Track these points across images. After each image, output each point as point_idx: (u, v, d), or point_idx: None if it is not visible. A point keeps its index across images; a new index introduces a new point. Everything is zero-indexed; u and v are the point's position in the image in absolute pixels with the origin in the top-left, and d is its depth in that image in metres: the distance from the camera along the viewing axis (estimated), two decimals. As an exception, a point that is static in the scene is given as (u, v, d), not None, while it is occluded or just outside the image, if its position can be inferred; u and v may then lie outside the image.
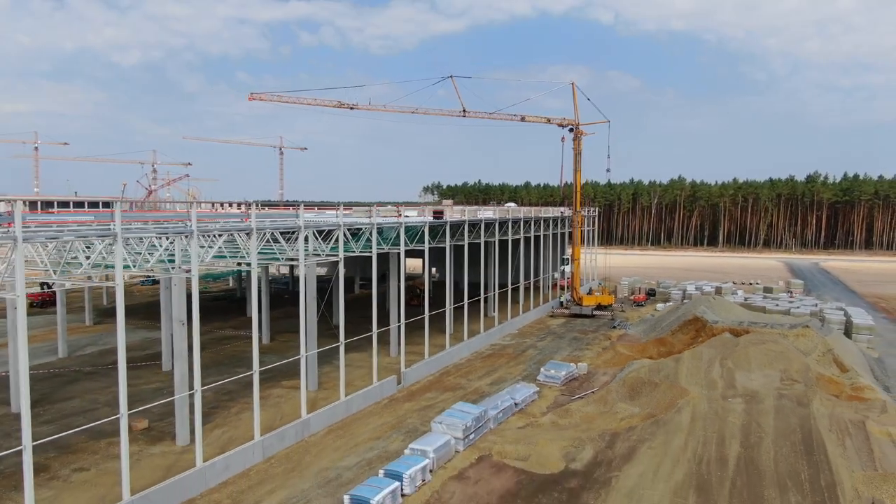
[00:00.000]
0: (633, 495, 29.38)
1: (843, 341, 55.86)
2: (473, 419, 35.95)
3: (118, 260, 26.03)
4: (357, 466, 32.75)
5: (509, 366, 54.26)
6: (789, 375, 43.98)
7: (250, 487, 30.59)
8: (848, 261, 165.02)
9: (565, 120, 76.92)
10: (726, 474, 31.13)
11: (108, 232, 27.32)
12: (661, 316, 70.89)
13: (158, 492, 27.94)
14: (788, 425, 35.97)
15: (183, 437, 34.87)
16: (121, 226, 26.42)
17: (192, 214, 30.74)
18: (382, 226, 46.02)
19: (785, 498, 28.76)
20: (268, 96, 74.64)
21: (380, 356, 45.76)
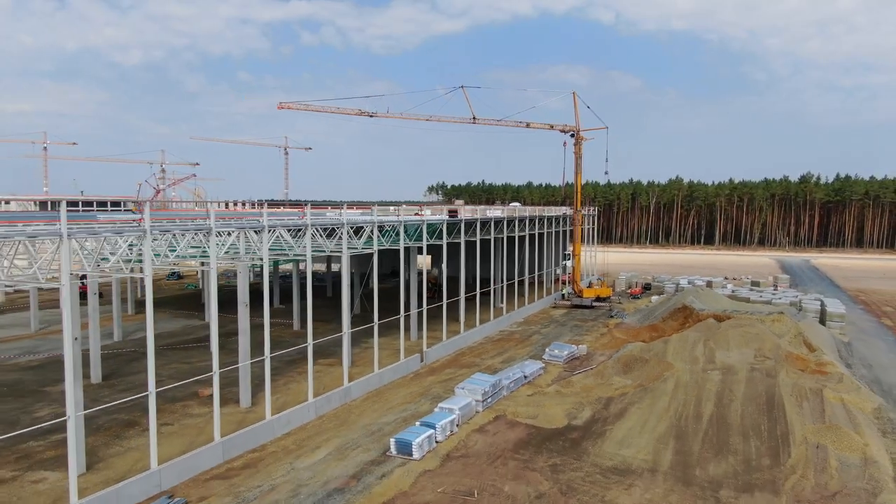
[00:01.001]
0: (623, 442, 36.01)
1: (814, 326, 62.49)
2: (490, 385, 42.60)
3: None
4: (394, 422, 39.36)
5: (517, 347, 60.90)
6: (762, 353, 50.58)
7: (309, 437, 37.25)
8: (837, 258, 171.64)
9: (567, 126, 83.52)
10: (700, 426, 37.78)
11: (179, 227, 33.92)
12: (655, 306, 77.50)
13: (239, 436, 34.64)
14: (756, 391, 42.57)
15: (246, 400, 41.42)
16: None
17: (263, 213, 37.32)
18: (408, 223, 52.61)
19: (747, 443, 35.40)
20: (296, 105, 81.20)
21: (391, 337, 52.39)
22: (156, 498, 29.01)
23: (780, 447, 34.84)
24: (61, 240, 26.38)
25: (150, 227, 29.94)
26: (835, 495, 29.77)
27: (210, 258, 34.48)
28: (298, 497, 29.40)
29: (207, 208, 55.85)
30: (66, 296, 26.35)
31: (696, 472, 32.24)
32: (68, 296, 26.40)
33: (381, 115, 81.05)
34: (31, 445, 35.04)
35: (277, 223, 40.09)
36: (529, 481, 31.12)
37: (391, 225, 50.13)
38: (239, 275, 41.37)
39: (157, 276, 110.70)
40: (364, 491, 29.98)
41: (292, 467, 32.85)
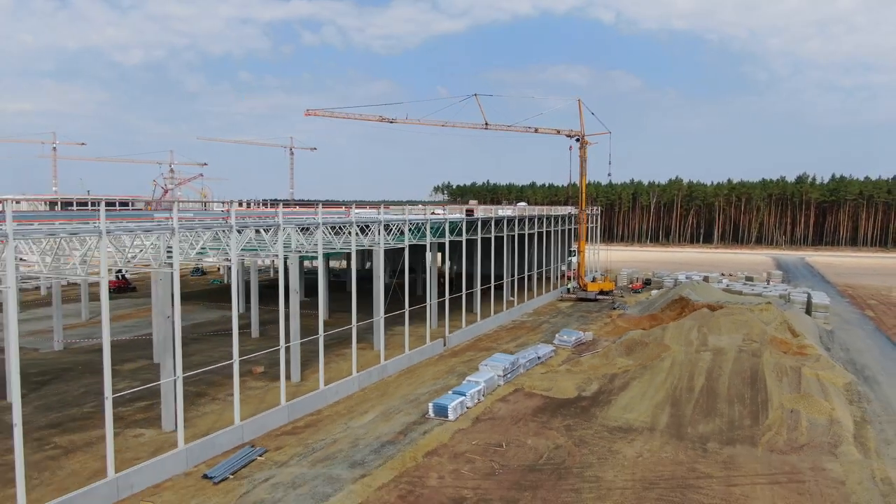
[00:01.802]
0: (626, 408, 42.08)
1: (799, 315, 68.50)
2: (510, 363, 48.69)
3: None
4: (428, 393, 45.42)
5: (529, 334, 66.96)
6: (750, 337, 56.59)
7: (356, 404, 43.35)
8: (832, 256, 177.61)
9: (573, 131, 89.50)
10: (692, 396, 43.83)
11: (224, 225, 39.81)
12: (654, 298, 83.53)
13: (300, 402, 40.79)
14: (742, 368, 48.61)
15: (296, 375, 47.43)
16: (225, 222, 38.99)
17: (318, 212, 43.38)
18: (433, 221, 58.65)
19: (731, 408, 41.46)
20: (322, 112, 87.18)
21: (420, 327, 58.41)
22: (241, 447, 35.09)
23: (759, 411, 40.89)
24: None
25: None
26: (803, 447, 35.81)
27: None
28: (357, 447, 35.50)
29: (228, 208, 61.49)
30: (105, 286, 29.39)
31: (688, 430, 38.30)
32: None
33: (400, 121, 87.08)
34: (120, 411, 40.97)
35: (327, 221, 46.09)
36: (548, 437, 37.19)
37: (418, 222, 56.15)
38: (290, 267, 47.37)
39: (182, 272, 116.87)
40: (411, 443, 36.06)
41: (347, 426, 38.96)
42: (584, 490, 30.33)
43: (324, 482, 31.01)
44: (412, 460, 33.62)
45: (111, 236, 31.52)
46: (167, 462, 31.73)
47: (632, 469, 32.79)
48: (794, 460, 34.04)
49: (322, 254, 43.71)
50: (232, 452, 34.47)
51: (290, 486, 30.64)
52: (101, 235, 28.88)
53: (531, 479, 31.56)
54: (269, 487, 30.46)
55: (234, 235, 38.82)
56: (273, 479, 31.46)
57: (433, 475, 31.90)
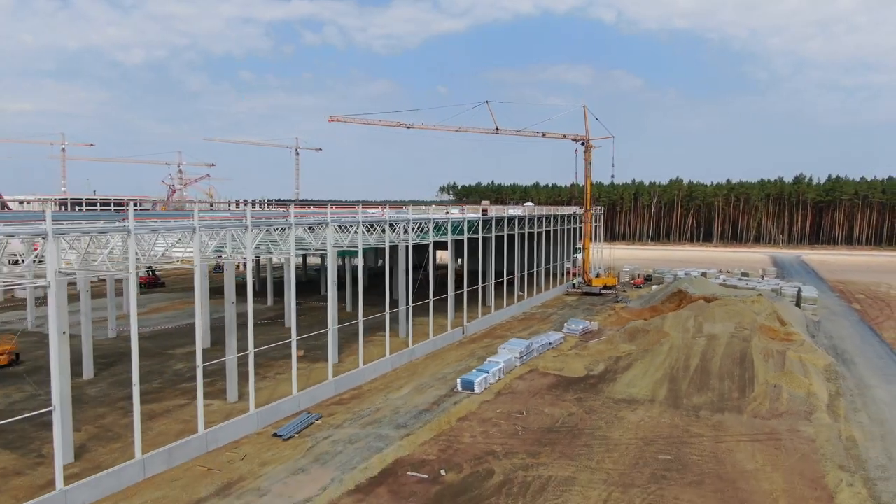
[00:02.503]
0: (630, 384, 47.81)
1: (788, 307, 74.19)
2: (525, 347, 54.46)
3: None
4: (453, 372, 51.16)
5: (539, 324, 72.70)
6: (741, 325, 62.30)
7: (391, 381, 49.12)
8: (827, 254, 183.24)
9: (578, 136, 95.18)
10: (688, 374, 49.58)
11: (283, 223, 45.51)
12: (655, 292, 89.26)
13: (344, 378, 46.61)
14: (733, 351, 54.34)
15: (334, 357, 53.05)
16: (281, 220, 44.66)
17: (358, 213, 49.12)
18: (454, 220, 64.40)
19: (722, 384, 47.19)
20: (344, 118, 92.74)
21: (440, 318, 64.10)
22: (298, 414, 40.86)
23: (746, 386, 46.63)
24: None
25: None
26: (782, 414, 41.54)
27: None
28: (399, 414, 41.28)
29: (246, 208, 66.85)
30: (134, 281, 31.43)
31: (684, 401, 44.04)
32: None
33: (418, 127, 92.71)
34: (185, 387, 46.82)
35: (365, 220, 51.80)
36: (562, 406, 42.95)
37: (441, 222, 61.90)
38: (329, 261, 53.06)
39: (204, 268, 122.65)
40: (444, 411, 41.83)
41: (387, 398, 44.74)
42: (595, 445, 36.07)
43: (375, 439, 36.80)
44: (447, 424, 39.40)
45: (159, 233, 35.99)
46: (242, 423, 37.54)
47: (634, 430, 38.54)
48: (774, 424, 39.76)
49: (361, 249, 49.41)
50: (292, 418, 40.24)
51: (347, 441, 36.43)
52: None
53: (549, 437, 37.31)
54: (331, 443, 36.25)
55: (293, 233, 44.63)
56: (332, 437, 37.24)
57: (466, 435, 37.67)
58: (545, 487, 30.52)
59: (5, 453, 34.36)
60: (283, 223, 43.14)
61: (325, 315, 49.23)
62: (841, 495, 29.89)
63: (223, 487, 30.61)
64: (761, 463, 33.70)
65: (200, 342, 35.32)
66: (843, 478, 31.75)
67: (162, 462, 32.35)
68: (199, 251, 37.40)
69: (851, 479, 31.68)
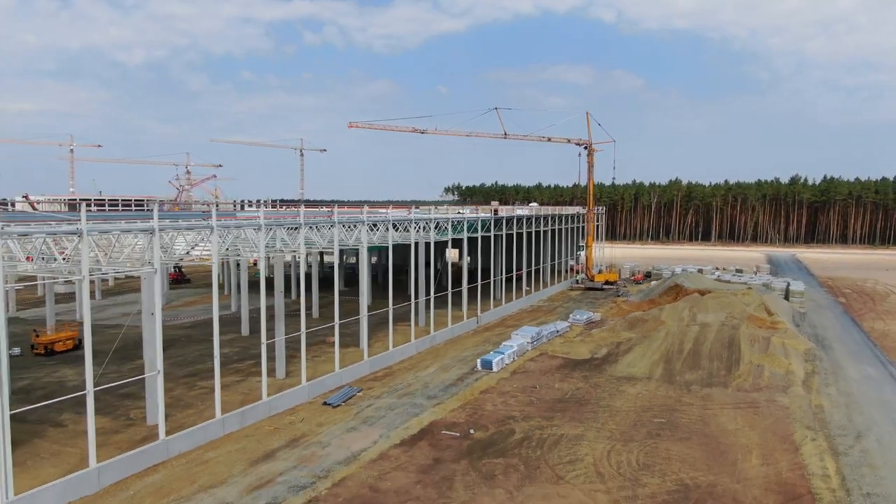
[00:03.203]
0: (630, 364, 53.89)
1: (776, 299, 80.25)
2: (535, 333, 60.56)
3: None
4: (471, 355, 57.21)
5: (546, 315, 78.80)
6: (732, 315, 68.36)
7: (417, 362, 55.21)
8: (821, 253, 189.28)
9: (581, 140, 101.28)
10: (681, 356, 55.66)
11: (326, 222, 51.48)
12: (653, 287, 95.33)
13: (377, 358, 52.75)
14: (722, 336, 60.41)
15: (364, 343, 59.23)
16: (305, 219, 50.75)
17: (388, 213, 55.19)
18: (469, 219, 70.49)
19: (711, 364, 53.27)
20: (363, 124, 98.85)
21: (456, 309, 70.15)
22: (341, 387, 46.96)
23: (732, 366, 52.72)
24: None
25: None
26: (762, 388, 47.60)
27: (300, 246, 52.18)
28: (428, 387, 47.39)
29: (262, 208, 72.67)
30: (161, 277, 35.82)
31: (677, 378, 50.11)
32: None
33: (431, 132, 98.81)
34: (235, 367, 52.86)
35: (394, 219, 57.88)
36: (570, 382, 49.04)
37: (458, 220, 68.02)
38: (361, 256, 59.11)
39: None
40: (467, 385, 47.92)
41: (416, 376, 50.86)
42: (600, 411, 42.17)
43: (411, 406, 42.91)
44: (471, 395, 45.50)
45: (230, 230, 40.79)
46: (296, 393, 43.66)
47: (633, 400, 44.62)
48: (755, 396, 45.85)
49: (391, 245, 55.48)
50: (336, 391, 46.33)
51: (387, 408, 42.55)
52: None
53: (560, 406, 43.41)
54: (374, 409, 42.37)
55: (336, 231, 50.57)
56: (374, 405, 43.36)
57: (488, 404, 43.76)
58: (559, 442, 36.60)
59: (98, 418, 40.37)
60: (325, 222, 49.15)
61: (347, 307, 55.37)
62: (805, 447, 35.96)
63: (290, 441, 36.72)
64: (741, 424, 39.78)
65: (264, 325, 41.36)
66: (808, 434, 37.83)
67: (236, 422, 38.48)
68: (263, 247, 43.78)
69: (815, 435, 37.77)
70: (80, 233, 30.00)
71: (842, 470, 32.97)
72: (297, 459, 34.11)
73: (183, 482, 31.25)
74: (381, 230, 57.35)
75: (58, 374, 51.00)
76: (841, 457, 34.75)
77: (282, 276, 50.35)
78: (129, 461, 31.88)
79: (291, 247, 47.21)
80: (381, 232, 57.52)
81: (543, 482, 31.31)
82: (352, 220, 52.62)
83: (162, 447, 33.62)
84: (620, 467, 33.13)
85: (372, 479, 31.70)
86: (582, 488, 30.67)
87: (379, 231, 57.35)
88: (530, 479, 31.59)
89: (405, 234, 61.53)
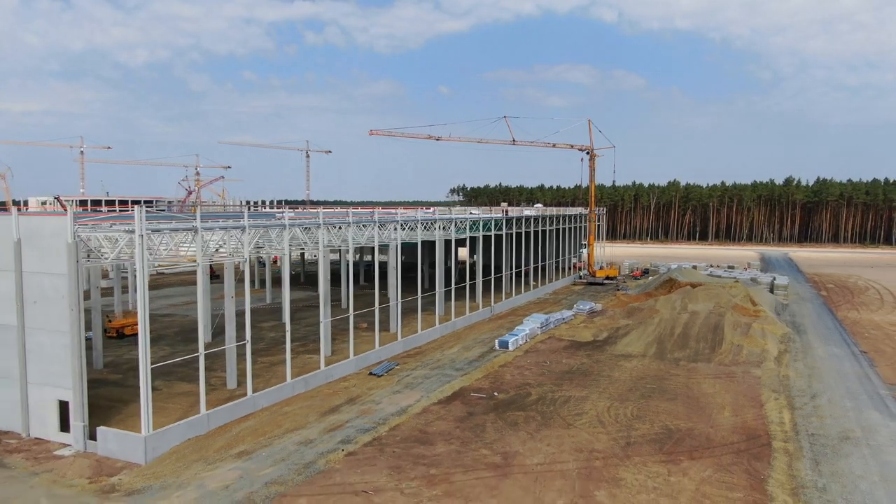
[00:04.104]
0: (627, 345, 62.13)
1: (760, 292, 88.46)
2: (544, 320, 68.82)
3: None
4: (489, 338, 65.42)
5: (552, 306, 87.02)
6: (719, 304, 76.58)
7: (442, 344, 63.44)
8: (812, 252, 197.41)
9: (584, 146, 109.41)
10: (672, 338, 63.89)
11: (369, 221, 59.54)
12: (650, 281, 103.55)
13: (409, 339, 61.02)
14: (709, 322, 68.60)
15: (395, 327, 67.36)
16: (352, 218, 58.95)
17: (417, 214, 63.40)
18: (484, 218, 78.72)
19: (698, 344, 61.50)
20: (383, 132, 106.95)
21: (470, 301, 78.35)
22: (381, 362, 55.17)
23: (716, 346, 60.95)
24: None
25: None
26: (740, 363, 55.78)
27: (349, 243, 60.30)
28: (455, 362, 55.63)
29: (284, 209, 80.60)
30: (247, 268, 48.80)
31: (667, 355, 58.33)
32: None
33: (445, 139, 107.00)
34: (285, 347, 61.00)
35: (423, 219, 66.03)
36: (575, 359, 57.25)
37: (475, 220, 76.28)
38: (392, 251, 67.22)
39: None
40: (488, 360, 56.14)
41: (443, 353, 59.09)
42: (601, 380, 50.38)
43: (442, 376, 51.15)
44: (492, 368, 53.74)
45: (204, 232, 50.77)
46: (346, 365, 51.92)
47: (629, 372, 52.83)
48: (733, 369, 54.06)
49: (420, 242, 63.72)
50: (377, 365, 54.53)
51: (423, 377, 50.79)
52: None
53: (568, 376, 51.62)
54: (412, 378, 50.62)
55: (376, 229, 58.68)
56: (411, 375, 51.60)
57: (507, 374, 51.97)
58: (567, 401, 44.80)
59: (185, 384, 48.59)
60: (367, 221, 57.35)
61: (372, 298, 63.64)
62: (768, 404, 44.16)
63: (349, 400, 44.97)
64: (718, 389, 47.99)
65: (322, 307, 49.51)
66: (772, 396, 46.06)
67: (301, 386, 46.75)
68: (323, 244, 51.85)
69: (778, 396, 45.99)
70: (244, 227, 42.04)
71: (795, 419, 41.20)
72: (357, 412, 42.37)
73: (271, 426, 39.50)
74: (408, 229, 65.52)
75: (134, 353, 59.10)
76: (796, 411, 42.98)
77: (327, 268, 58.44)
78: (228, 410, 40.16)
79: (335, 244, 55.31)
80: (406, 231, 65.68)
81: (556, 427, 39.54)
82: (386, 220, 60.73)
83: (250, 401, 41.88)
84: (618, 418, 41.36)
85: (420, 425, 39.93)
86: (587, 431, 38.88)
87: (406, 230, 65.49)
88: (546, 426, 39.82)
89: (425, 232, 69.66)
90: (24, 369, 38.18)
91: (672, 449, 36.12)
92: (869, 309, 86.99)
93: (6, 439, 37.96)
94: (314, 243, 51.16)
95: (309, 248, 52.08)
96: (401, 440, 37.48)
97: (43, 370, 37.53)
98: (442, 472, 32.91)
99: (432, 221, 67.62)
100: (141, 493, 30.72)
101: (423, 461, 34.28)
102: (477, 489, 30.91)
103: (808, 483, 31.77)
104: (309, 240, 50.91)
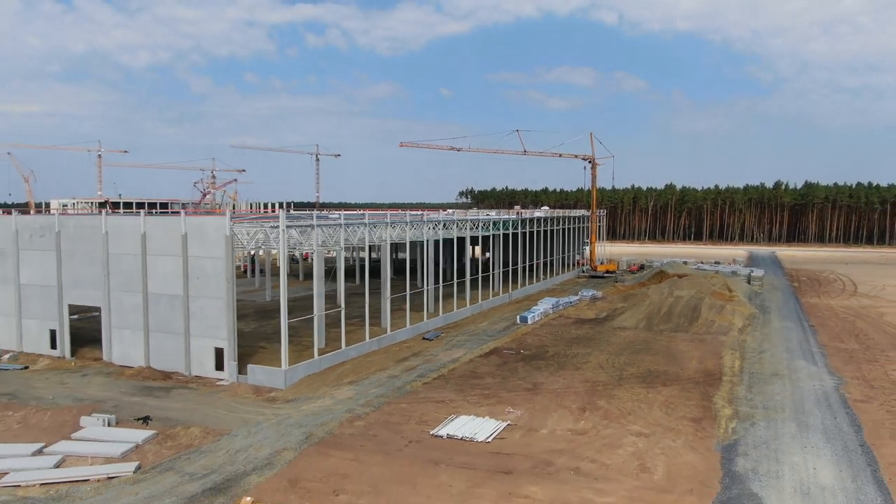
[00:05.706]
0: (622, 320, 77.38)
1: (737, 282, 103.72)
2: (555, 302, 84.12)
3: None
4: (511, 316, 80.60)
5: (560, 294, 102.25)
6: (700, 291, 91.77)
7: (473, 320, 78.65)
8: (798, 250, 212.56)
9: (587, 156, 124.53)
10: (659, 315, 79.15)
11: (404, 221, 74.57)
12: (644, 274, 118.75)
13: (448, 315, 76.19)
14: (690, 304, 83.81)
15: (431, 307, 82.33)
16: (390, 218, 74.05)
17: (440, 215, 78.63)
18: (504, 219, 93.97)
19: (679, 320, 76.73)
20: (411, 144, 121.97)
21: (486, 290, 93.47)
22: (429, 332, 70.34)
23: (693, 321, 76.17)
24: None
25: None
26: (711, 333, 70.94)
27: (407, 235, 75.55)
28: (487, 332, 70.87)
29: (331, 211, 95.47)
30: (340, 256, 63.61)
31: (654, 328, 73.51)
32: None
33: (465, 150, 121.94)
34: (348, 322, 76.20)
35: (455, 219, 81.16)
36: (581, 330, 72.47)
37: (495, 220, 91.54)
38: (427, 247, 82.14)
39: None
40: (512, 331, 71.35)
41: (476, 326, 74.37)
42: (602, 343, 65.54)
43: (479, 340, 66.37)
44: (516, 335, 68.96)
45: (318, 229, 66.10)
46: (405, 332, 67.19)
47: (624, 338, 68.00)
48: (704, 336, 69.23)
49: (455, 238, 78.98)
50: (427, 333, 69.71)
51: (465, 341, 66.03)
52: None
53: (575, 341, 66.81)
54: (456, 341, 65.88)
55: (408, 228, 73.69)
56: (455, 339, 66.84)
57: (529, 339, 67.16)
58: (576, 356, 59.95)
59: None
60: (401, 222, 72.40)
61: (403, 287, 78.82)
62: (725, 357, 59.30)
63: (413, 354, 60.20)
64: (690, 348, 63.15)
65: (387, 287, 64.72)
66: (730, 352, 61.24)
67: (375, 344, 61.99)
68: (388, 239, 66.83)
69: (734, 352, 61.16)
70: (340, 224, 54.16)
71: (743, 365, 56.40)
72: (423, 360, 57.63)
73: (363, 367, 54.75)
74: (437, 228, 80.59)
75: (230, 326, 74.35)
76: (745, 360, 58.20)
77: (388, 259, 73.64)
78: (332, 356, 55.47)
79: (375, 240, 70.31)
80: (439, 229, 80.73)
81: (569, 369, 54.73)
82: (417, 220, 75.70)
83: (344, 352, 57.19)
84: (614, 364, 56.55)
85: (470, 368, 55.13)
86: (591, 372, 54.06)
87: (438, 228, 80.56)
88: (561, 368, 55.01)
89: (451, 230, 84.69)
90: (188, 326, 53.37)
91: (651, 381, 51.28)
92: (829, 296, 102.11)
93: (176, 376, 53.17)
94: (361, 240, 66.33)
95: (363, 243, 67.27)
96: (459, 376, 52.70)
97: (202, 325, 52.69)
98: (492, 392, 48.14)
99: (463, 221, 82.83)
100: (294, 401, 45.95)
101: (477, 387, 49.50)
102: (518, 399, 46.13)
103: (741, 396, 46.98)
104: (358, 237, 66.09)
